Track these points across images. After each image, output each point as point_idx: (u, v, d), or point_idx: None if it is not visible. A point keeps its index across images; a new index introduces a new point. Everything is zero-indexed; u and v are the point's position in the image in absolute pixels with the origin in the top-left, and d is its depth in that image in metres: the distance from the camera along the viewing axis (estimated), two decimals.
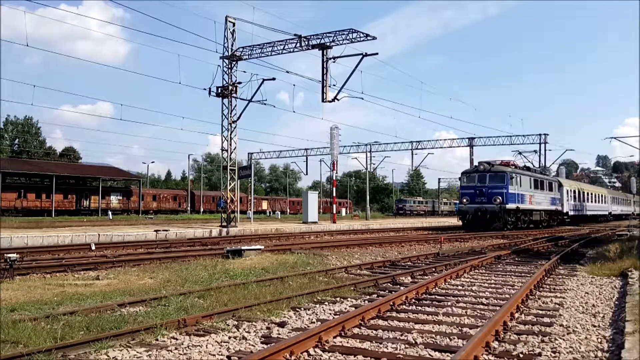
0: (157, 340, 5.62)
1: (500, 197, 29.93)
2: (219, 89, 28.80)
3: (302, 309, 7.37)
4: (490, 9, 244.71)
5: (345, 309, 7.48)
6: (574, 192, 45.61)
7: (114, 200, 67.67)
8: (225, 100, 28.86)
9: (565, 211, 41.40)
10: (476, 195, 30.70)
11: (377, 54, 27.03)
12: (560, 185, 41.23)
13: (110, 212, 58.46)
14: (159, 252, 15.68)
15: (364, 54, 26.69)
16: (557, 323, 6.61)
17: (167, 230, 24.10)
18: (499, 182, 30.52)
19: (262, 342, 5.63)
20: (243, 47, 28.77)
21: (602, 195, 57.52)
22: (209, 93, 28.62)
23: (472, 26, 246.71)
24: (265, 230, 28.34)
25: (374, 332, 6.18)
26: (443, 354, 5.31)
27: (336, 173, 45.25)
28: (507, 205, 29.88)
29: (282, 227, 29.74)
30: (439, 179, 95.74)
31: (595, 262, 13.15)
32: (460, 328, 6.35)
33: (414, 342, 5.69)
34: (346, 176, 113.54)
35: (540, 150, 51.22)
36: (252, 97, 28.62)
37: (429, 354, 5.31)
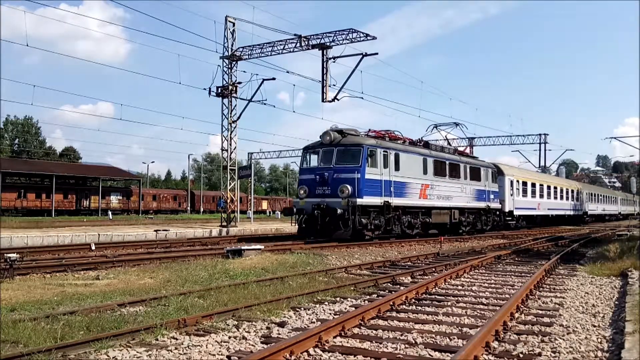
0: (157, 340, 5.62)
1: (349, 187, 17.98)
2: (219, 88, 28.80)
3: (302, 308, 7.37)
4: (491, 8, 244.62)
5: (345, 309, 7.48)
6: (526, 185, 34.72)
7: (114, 200, 67.70)
8: (225, 100, 28.87)
9: (508, 210, 30.60)
10: (317, 184, 18.80)
11: (377, 54, 27.05)
12: (499, 174, 30.07)
13: (110, 212, 58.45)
14: (159, 252, 15.68)
15: (364, 54, 26.68)
16: (557, 323, 6.61)
17: (167, 230, 24.11)
18: (350, 163, 18.59)
19: (262, 342, 5.63)
20: (243, 47, 28.77)
21: (571, 191, 45.01)
22: (209, 93, 28.63)
23: (473, 26, 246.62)
24: (265, 230, 28.35)
25: (374, 332, 6.18)
26: (443, 354, 5.31)
27: None
28: (359, 200, 18.06)
29: (282, 227, 29.74)
30: None
31: (595, 262, 13.15)
32: (460, 328, 6.35)
33: (414, 342, 5.68)
34: None
35: (540, 150, 51.30)
36: (252, 97, 28.63)
37: (429, 354, 5.30)
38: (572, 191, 45.26)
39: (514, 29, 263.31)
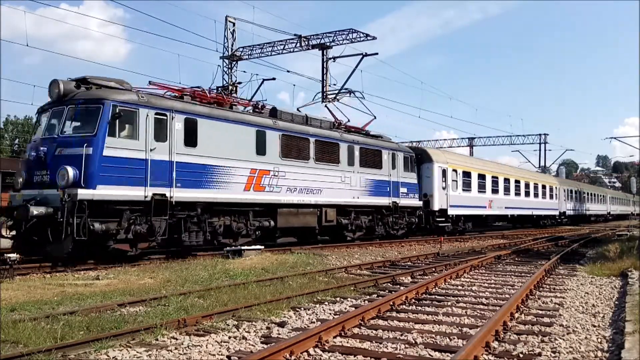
0: (157, 340, 5.62)
1: (70, 171, 11.14)
2: (219, 88, 28.79)
3: (302, 309, 7.37)
4: (491, 8, 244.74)
5: (345, 309, 7.48)
6: (470, 176, 26.72)
7: None
8: None
9: (439, 208, 23.49)
10: (34, 167, 12.01)
11: (377, 54, 26.98)
12: (425, 161, 23.41)
13: None
14: (159, 252, 15.64)
15: (364, 54, 26.64)
16: (557, 323, 6.61)
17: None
18: (82, 131, 11.84)
19: (262, 342, 5.63)
20: (243, 47, 28.82)
21: (543, 187, 37.17)
22: (209, 93, 28.59)
23: (473, 26, 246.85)
24: None
25: (374, 332, 6.18)
26: (443, 354, 5.31)
27: None
28: (87, 192, 11.23)
29: None
30: None
31: (595, 262, 13.15)
32: (460, 328, 6.35)
33: (414, 342, 5.68)
34: None
35: (540, 150, 51.29)
36: (252, 97, 28.53)
37: (429, 354, 5.30)
38: (545, 187, 38.16)
39: (514, 29, 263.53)
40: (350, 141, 18.95)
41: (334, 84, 27.52)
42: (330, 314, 7.14)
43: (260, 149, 15.34)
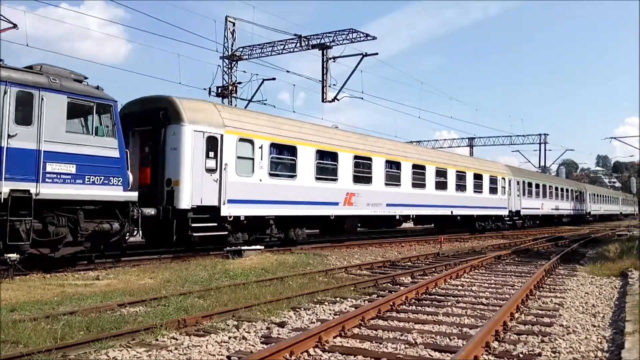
0: (157, 340, 5.62)
1: None
2: (219, 89, 28.83)
3: (302, 309, 7.37)
4: (491, 8, 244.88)
5: (345, 309, 7.48)
6: (281, 152, 15.91)
7: None
8: (226, 100, 28.85)
9: (186, 205, 12.75)
10: None
11: (377, 54, 27.09)
12: (171, 121, 12.99)
13: None
14: (159, 252, 15.64)
15: (364, 54, 26.73)
16: (557, 323, 6.61)
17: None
18: None
19: (262, 342, 5.63)
20: (243, 47, 28.83)
21: (443, 173, 24.03)
22: (209, 93, 28.61)
23: (473, 26, 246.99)
24: None
25: (374, 332, 6.18)
26: (443, 354, 5.31)
27: None
28: None
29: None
30: None
31: (595, 262, 13.16)
32: (460, 328, 6.35)
33: (414, 342, 5.69)
34: None
35: (540, 150, 51.27)
36: (252, 97, 28.61)
37: (429, 354, 5.31)
38: (482, 177, 27.33)
39: (515, 28, 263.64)
40: None
41: (334, 84, 27.57)
42: (330, 314, 7.14)
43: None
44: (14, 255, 10.04)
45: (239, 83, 28.99)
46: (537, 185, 35.12)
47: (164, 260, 12.82)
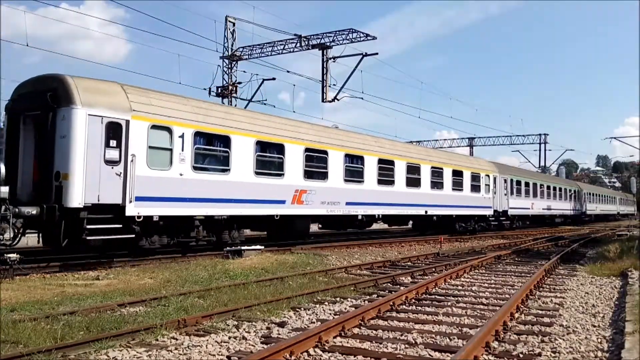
0: (157, 340, 5.62)
1: None
2: (219, 88, 28.85)
3: (302, 309, 7.37)
4: (491, 8, 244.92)
5: (345, 309, 7.48)
6: (210, 141, 13.71)
7: None
8: (226, 100, 28.88)
9: (76, 204, 10.66)
10: None
11: (377, 54, 27.13)
12: (61, 104, 10.96)
13: None
14: (159, 252, 15.65)
15: (364, 54, 26.76)
16: (557, 323, 6.61)
17: None
18: None
19: (262, 342, 5.63)
20: (243, 47, 28.85)
21: (416, 170, 21.83)
22: (209, 93, 28.66)
23: (473, 26, 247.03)
24: None
25: (374, 332, 6.18)
26: (443, 354, 5.31)
27: None
28: None
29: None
30: None
31: (595, 262, 13.16)
32: (460, 328, 6.35)
33: (414, 342, 5.69)
34: None
35: (540, 150, 51.29)
36: (252, 97, 28.64)
37: (429, 354, 5.31)
38: (462, 174, 25.14)
39: (515, 28, 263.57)
40: None
41: (334, 84, 27.59)
42: (330, 314, 7.14)
43: None
44: (14, 255, 10.06)
45: (239, 83, 29.04)
46: (527, 184, 32.97)
47: (164, 260, 12.82)
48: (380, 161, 19.46)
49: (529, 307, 7.69)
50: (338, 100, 27.86)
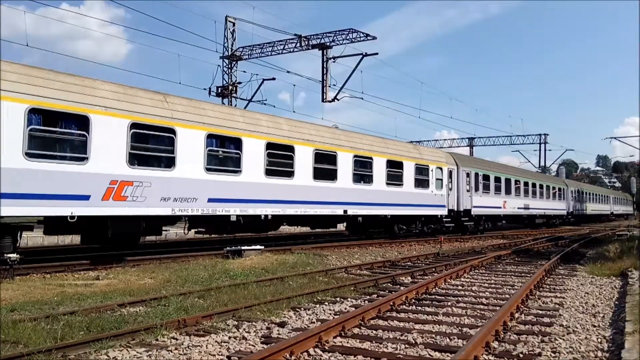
0: (157, 340, 5.62)
1: None
2: (219, 88, 28.85)
3: (302, 309, 7.37)
4: (491, 8, 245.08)
5: (345, 309, 7.48)
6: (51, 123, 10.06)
7: None
8: (226, 100, 28.88)
9: None
10: None
11: (377, 54, 27.16)
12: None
13: None
14: (159, 252, 15.65)
15: (364, 54, 26.77)
16: (557, 323, 6.61)
17: (167, 230, 24.07)
18: None
19: (262, 342, 5.63)
20: (243, 47, 28.85)
21: (331, 159, 17.21)
22: (209, 93, 28.68)
23: (473, 26, 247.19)
24: None
25: (374, 332, 6.18)
26: (443, 354, 5.31)
27: None
28: None
29: (282, 226, 29.64)
30: None
31: (595, 262, 13.16)
32: (460, 328, 6.35)
33: (414, 342, 5.68)
34: None
35: (540, 150, 51.28)
36: (252, 97, 28.65)
37: (429, 354, 5.30)
38: (403, 165, 20.91)
39: (515, 29, 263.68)
40: None
41: (334, 84, 27.59)
42: (330, 314, 7.14)
43: None
44: (14, 255, 10.07)
45: (239, 83, 29.05)
46: (498, 179, 28.00)
47: (164, 260, 12.83)
48: (271, 146, 14.83)
49: (529, 307, 7.69)
50: (338, 100, 27.89)
